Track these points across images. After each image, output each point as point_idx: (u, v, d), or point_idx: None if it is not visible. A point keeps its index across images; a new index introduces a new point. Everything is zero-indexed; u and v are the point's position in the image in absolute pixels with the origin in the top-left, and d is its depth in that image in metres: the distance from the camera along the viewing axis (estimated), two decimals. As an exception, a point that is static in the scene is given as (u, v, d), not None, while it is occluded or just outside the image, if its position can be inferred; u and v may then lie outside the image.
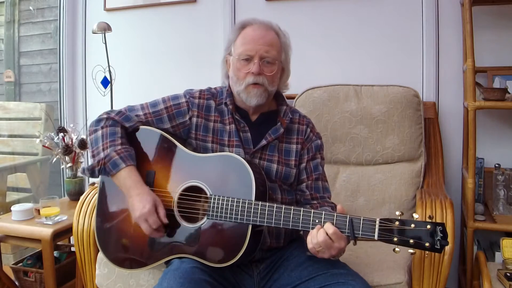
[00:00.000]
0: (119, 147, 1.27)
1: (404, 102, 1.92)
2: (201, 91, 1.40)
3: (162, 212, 1.23)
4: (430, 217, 1.08)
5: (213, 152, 1.33)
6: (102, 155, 1.26)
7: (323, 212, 1.15)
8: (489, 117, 2.03)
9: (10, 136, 3.05)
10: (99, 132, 1.31)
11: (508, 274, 1.45)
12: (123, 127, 1.34)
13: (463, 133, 2.04)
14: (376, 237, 1.09)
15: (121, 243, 1.33)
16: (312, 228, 1.14)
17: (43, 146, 2.20)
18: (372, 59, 2.19)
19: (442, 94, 2.10)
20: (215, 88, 1.43)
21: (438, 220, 1.40)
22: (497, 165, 1.84)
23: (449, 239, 1.37)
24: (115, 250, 1.34)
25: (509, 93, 1.77)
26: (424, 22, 2.10)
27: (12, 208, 1.96)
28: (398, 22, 2.15)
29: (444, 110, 2.11)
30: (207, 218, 1.23)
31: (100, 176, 1.37)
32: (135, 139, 1.35)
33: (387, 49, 2.17)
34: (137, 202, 1.22)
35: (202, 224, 1.24)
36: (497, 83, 1.94)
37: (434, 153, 1.97)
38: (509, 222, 1.70)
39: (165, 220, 1.23)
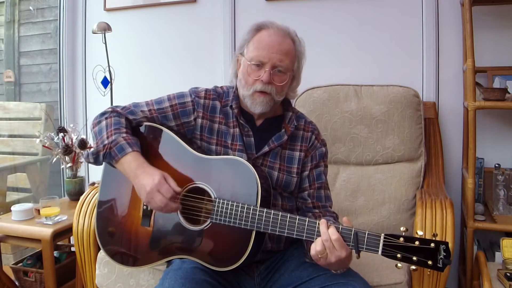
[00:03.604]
0: (125, 134, 1.24)
1: (404, 102, 1.92)
2: (206, 90, 1.36)
3: (172, 182, 1.17)
4: (434, 235, 1.08)
5: (217, 154, 1.31)
6: (107, 141, 1.22)
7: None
8: (489, 117, 2.03)
9: (10, 136, 3.05)
10: (103, 123, 1.28)
11: (508, 274, 1.45)
12: (127, 119, 1.31)
13: (463, 133, 2.04)
14: (379, 253, 1.08)
15: (123, 240, 1.32)
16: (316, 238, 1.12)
17: (43, 146, 2.20)
18: (372, 59, 2.19)
19: (442, 94, 2.10)
20: (221, 88, 1.39)
21: (438, 220, 1.41)
22: (497, 165, 1.84)
23: (449, 239, 1.38)
24: (116, 247, 1.33)
25: (509, 93, 1.77)
26: (424, 22, 2.10)
27: (12, 208, 1.96)
28: (398, 22, 2.15)
29: (444, 110, 2.11)
30: (211, 221, 1.21)
31: (102, 172, 1.37)
32: (140, 136, 1.32)
33: (387, 49, 2.17)
34: (145, 178, 1.16)
35: (205, 227, 1.22)
36: (497, 83, 1.94)
37: (434, 153, 1.97)
38: (509, 222, 1.70)
39: (178, 189, 1.17)
